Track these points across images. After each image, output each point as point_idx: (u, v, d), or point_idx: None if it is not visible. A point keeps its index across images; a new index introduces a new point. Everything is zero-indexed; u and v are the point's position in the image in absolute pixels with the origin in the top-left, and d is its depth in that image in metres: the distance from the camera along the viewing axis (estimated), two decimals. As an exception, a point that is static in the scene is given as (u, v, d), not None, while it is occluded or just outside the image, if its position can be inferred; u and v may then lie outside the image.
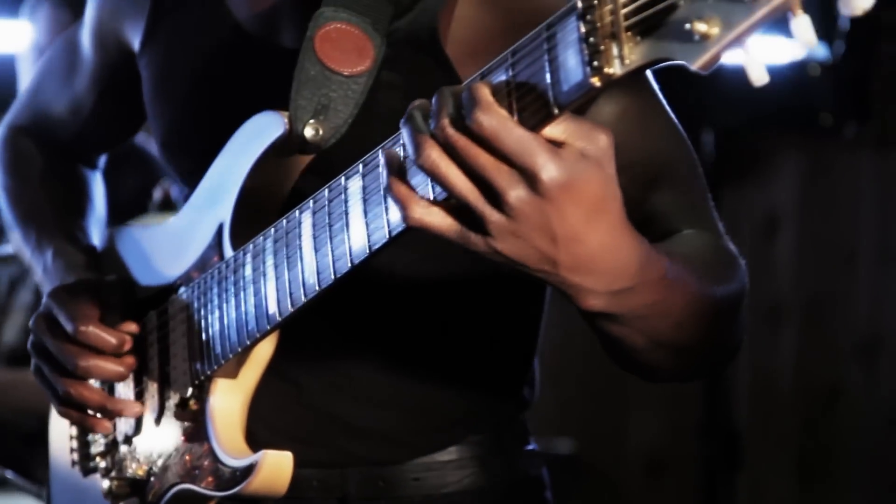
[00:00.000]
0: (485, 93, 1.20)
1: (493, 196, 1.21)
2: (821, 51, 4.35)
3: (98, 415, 1.80)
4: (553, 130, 1.20)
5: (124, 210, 2.18)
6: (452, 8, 1.59)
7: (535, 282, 1.71)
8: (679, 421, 5.09)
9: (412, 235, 1.36)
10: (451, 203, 1.25)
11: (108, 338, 1.73)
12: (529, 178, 1.19)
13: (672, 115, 1.61)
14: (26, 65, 3.84)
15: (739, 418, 4.89)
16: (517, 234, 1.22)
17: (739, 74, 1.08)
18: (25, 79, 3.83)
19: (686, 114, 1.56)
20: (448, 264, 1.65)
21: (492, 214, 1.21)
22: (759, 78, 1.07)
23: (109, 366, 1.74)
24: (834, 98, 4.45)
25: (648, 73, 1.59)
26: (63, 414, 1.81)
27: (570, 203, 1.20)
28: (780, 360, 5.17)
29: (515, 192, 1.20)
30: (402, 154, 1.31)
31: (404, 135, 1.25)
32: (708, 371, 1.60)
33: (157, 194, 3.33)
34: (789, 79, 4.38)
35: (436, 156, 1.22)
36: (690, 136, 1.60)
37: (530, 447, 1.80)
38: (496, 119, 1.19)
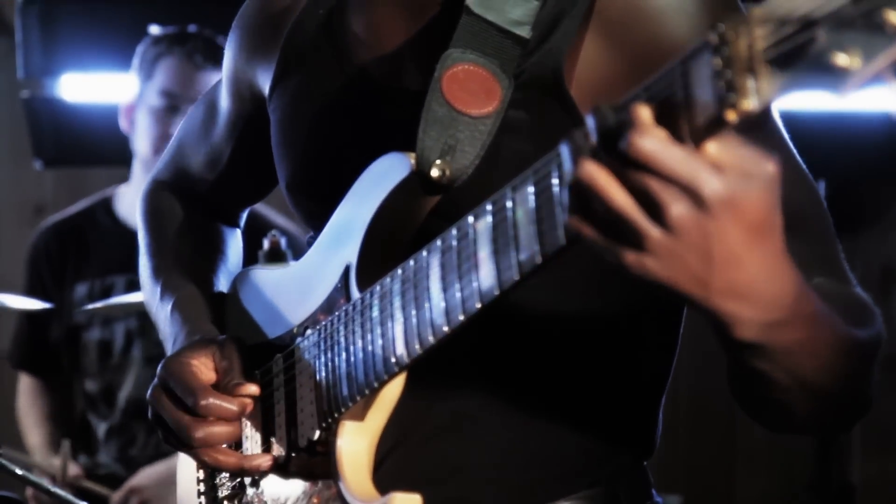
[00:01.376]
0: (645, 115, 1.20)
1: (654, 210, 1.20)
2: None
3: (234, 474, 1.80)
4: (720, 153, 1.19)
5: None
6: (578, 50, 1.59)
7: (671, 320, 1.70)
8: (790, 477, 5.00)
9: (543, 274, 1.36)
10: (605, 216, 1.23)
11: (230, 406, 1.72)
12: (692, 193, 1.18)
13: (802, 163, 1.60)
14: (149, 110, 3.97)
15: (853, 474, 4.80)
16: (673, 253, 1.21)
17: (853, 122, 1.08)
18: (143, 122, 3.99)
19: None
20: (579, 305, 1.65)
21: (650, 229, 1.20)
22: (903, 112, 1.07)
23: (224, 430, 1.73)
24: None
25: (778, 119, 1.58)
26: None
27: (732, 222, 1.19)
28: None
29: (678, 207, 1.19)
30: (556, 181, 1.31)
31: (563, 152, 1.26)
32: (838, 425, 1.57)
33: (266, 245, 3.38)
34: (906, 128, 4.34)
35: (593, 169, 1.22)
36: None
37: (652, 501, 1.76)
38: (655, 142, 1.19)
